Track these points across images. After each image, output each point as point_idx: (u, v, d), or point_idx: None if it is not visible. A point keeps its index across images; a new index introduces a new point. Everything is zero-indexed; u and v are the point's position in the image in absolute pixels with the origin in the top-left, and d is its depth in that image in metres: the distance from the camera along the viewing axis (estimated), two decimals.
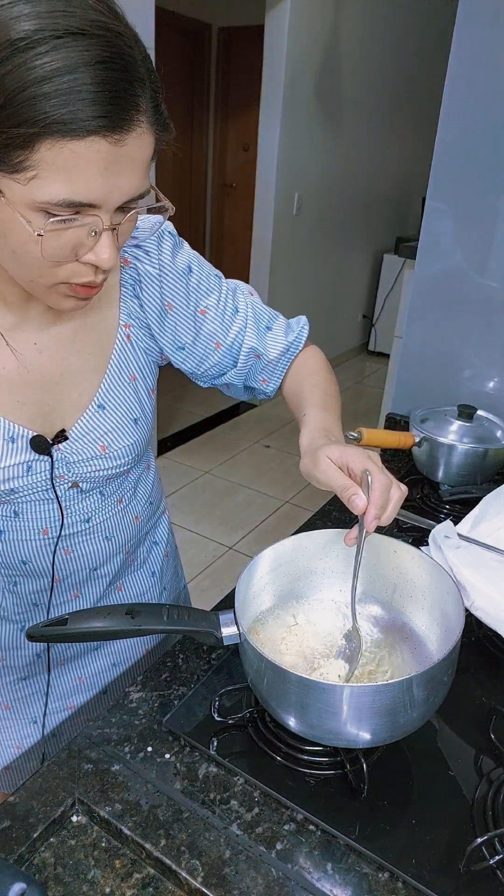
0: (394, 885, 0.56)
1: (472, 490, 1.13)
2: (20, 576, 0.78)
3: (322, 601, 0.79)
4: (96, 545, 0.82)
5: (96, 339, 0.75)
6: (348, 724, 0.59)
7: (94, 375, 0.75)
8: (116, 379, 0.76)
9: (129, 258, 0.76)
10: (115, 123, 0.49)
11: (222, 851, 0.58)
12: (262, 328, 0.87)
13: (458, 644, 0.60)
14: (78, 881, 0.57)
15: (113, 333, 0.76)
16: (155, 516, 0.95)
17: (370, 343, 5.41)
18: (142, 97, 0.51)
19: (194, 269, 0.81)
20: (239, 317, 0.85)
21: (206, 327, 0.83)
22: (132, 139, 0.51)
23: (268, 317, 0.88)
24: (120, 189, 0.53)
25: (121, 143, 0.51)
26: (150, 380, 0.82)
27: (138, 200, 0.56)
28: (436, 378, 1.40)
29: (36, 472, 0.72)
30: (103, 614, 0.65)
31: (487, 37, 1.14)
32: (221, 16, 4.68)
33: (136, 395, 0.79)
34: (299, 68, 3.64)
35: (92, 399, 0.75)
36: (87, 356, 0.74)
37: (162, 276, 0.78)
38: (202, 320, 0.82)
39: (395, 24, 4.32)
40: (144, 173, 0.55)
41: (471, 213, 1.26)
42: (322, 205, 4.27)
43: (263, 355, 0.86)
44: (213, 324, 0.83)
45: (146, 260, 0.77)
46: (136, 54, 0.51)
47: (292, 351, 0.89)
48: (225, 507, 3.09)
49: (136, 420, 0.78)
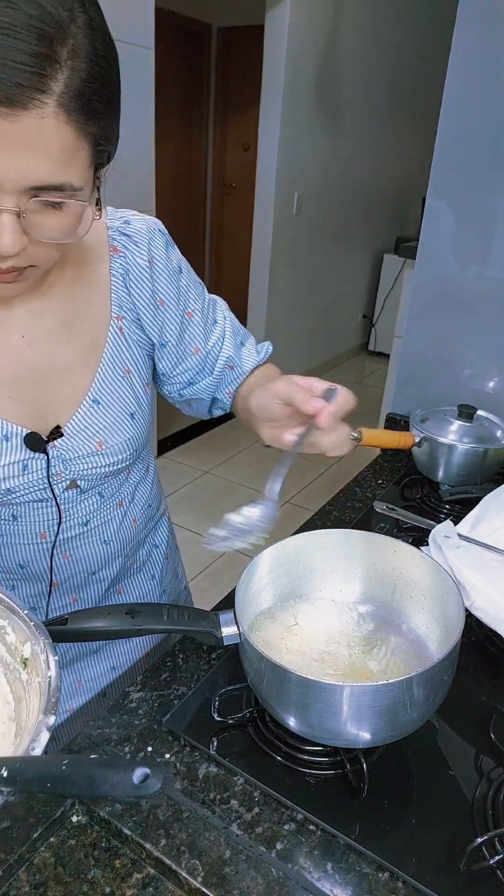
0: (394, 885, 0.56)
1: (472, 490, 1.13)
2: (18, 579, 0.78)
3: (322, 601, 0.79)
4: (94, 549, 0.81)
5: (86, 332, 0.74)
6: (348, 724, 0.59)
7: (87, 369, 0.74)
8: (110, 373, 0.76)
9: (119, 247, 0.76)
10: (2, 93, 0.47)
11: (222, 851, 0.58)
12: (238, 342, 0.89)
13: (458, 644, 0.60)
14: (78, 881, 0.57)
15: (104, 326, 0.75)
16: (154, 519, 0.95)
17: (370, 343, 5.42)
18: (50, 78, 0.49)
19: (184, 271, 0.83)
20: (217, 328, 0.87)
21: (190, 330, 0.83)
22: (31, 119, 0.49)
23: (242, 333, 0.91)
24: (15, 169, 0.51)
25: (12, 117, 0.48)
26: (144, 373, 0.81)
27: (54, 192, 0.54)
28: (436, 378, 1.40)
29: (32, 471, 0.71)
30: (103, 614, 0.65)
31: (487, 37, 1.14)
32: (221, 16, 4.68)
33: (131, 389, 0.78)
34: (299, 68, 3.64)
35: (86, 394, 0.74)
36: (77, 349, 0.74)
37: (153, 270, 0.78)
38: (188, 322, 0.83)
39: (395, 23, 4.32)
40: (56, 162, 0.52)
41: (471, 212, 1.26)
42: (322, 205, 4.27)
43: (237, 367, 0.88)
44: (197, 328, 0.84)
45: (135, 250, 0.76)
46: (71, 40, 0.49)
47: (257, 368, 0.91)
48: (225, 507, 3.06)
49: (133, 415, 0.78)
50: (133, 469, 0.84)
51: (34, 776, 0.43)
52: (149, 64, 2.57)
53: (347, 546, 0.78)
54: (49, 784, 0.43)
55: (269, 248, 3.93)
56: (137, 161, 2.68)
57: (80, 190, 0.55)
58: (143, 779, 0.40)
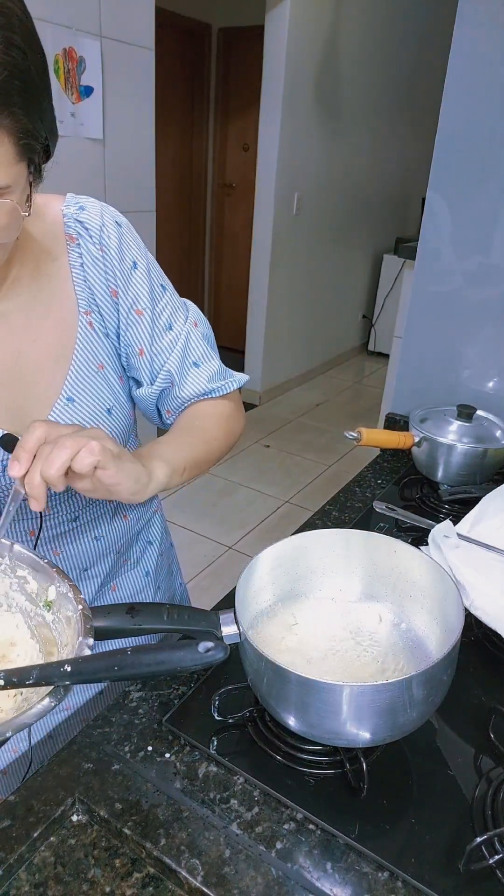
0: (393, 885, 0.56)
1: (472, 490, 1.13)
2: None
3: (322, 601, 0.79)
4: (85, 545, 0.81)
5: (53, 328, 0.73)
6: (348, 724, 0.59)
7: (58, 367, 0.73)
8: (83, 369, 0.74)
9: (74, 235, 0.74)
10: None
11: (222, 851, 0.58)
12: (189, 361, 0.81)
13: (457, 644, 0.60)
14: (78, 880, 0.57)
15: (72, 320, 0.74)
16: (146, 515, 0.94)
17: (370, 343, 5.42)
18: None
19: (140, 268, 0.78)
20: (170, 335, 0.80)
21: (136, 329, 0.78)
22: None
23: (200, 354, 0.82)
24: None
25: None
26: (119, 366, 0.79)
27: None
28: (435, 378, 1.41)
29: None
30: (103, 613, 0.65)
31: (487, 37, 1.14)
32: (221, 16, 4.68)
33: (106, 384, 0.76)
34: (299, 68, 3.64)
35: (59, 392, 0.73)
36: (46, 347, 0.72)
37: (105, 258, 0.75)
38: (136, 320, 0.78)
39: (394, 23, 4.32)
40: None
41: (470, 212, 1.26)
42: (322, 205, 4.27)
43: (177, 386, 0.81)
44: (143, 328, 0.78)
45: (87, 238, 0.74)
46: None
47: (205, 398, 0.83)
48: (225, 507, 3.09)
49: (110, 410, 0.77)
50: None
51: (100, 667, 0.47)
52: (149, 64, 2.57)
53: (347, 546, 0.78)
54: (117, 668, 0.46)
55: (269, 248, 3.93)
56: (137, 161, 2.68)
57: (5, 188, 0.55)
58: (207, 650, 0.45)
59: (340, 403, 4.35)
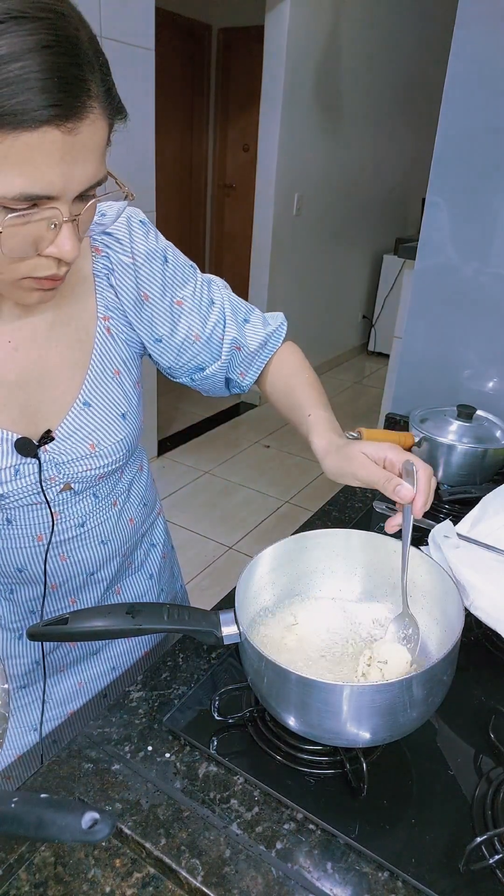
0: (393, 885, 0.56)
1: (472, 490, 1.13)
2: (16, 583, 0.78)
3: (322, 601, 0.79)
4: (92, 550, 0.81)
5: (74, 334, 0.73)
6: (348, 724, 0.59)
7: (76, 372, 0.74)
8: (100, 374, 0.75)
9: (100, 246, 0.75)
10: (67, 112, 0.47)
11: (222, 851, 0.58)
12: (241, 320, 0.86)
13: (457, 644, 0.61)
14: (78, 880, 0.57)
15: (92, 327, 0.75)
16: (150, 518, 0.95)
17: (370, 343, 5.42)
18: (92, 81, 0.49)
19: (169, 259, 0.79)
20: (215, 308, 0.83)
21: (184, 319, 0.81)
22: (86, 126, 0.50)
23: (245, 309, 0.87)
24: (77, 178, 0.52)
25: (75, 131, 0.49)
26: (134, 372, 0.80)
27: (96, 188, 0.55)
28: (435, 378, 1.41)
29: (24, 476, 0.70)
30: (104, 613, 0.65)
31: (487, 37, 1.14)
32: (221, 16, 4.68)
33: (121, 389, 0.77)
34: (299, 68, 3.64)
35: (76, 396, 0.73)
36: (65, 352, 0.73)
37: (136, 265, 0.76)
38: (179, 311, 0.80)
39: (395, 24, 4.32)
40: (100, 160, 0.53)
41: (470, 212, 1.26)
42: (322, 205, 4.27)
43: (244, 347, 0.85)
44: (191, 315, 0.81)
45: (118, 248, 0.75)
46: (83, 35, 0.49)
47: (272, 344, 0.88)
48: (225, 507, 3.09)
49: (124, 415, 0.77)
50: (126, 468, 0.84)
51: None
52: (149, 64, 2.57)
53: (347, 546, 0.78)
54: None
55: (269, 248, 3.93)
56: (138, 161, 2.68)
57: (106, 179, 0.56)
58: (92, 824, 0.39)
59: (340, 403, 4.35)
